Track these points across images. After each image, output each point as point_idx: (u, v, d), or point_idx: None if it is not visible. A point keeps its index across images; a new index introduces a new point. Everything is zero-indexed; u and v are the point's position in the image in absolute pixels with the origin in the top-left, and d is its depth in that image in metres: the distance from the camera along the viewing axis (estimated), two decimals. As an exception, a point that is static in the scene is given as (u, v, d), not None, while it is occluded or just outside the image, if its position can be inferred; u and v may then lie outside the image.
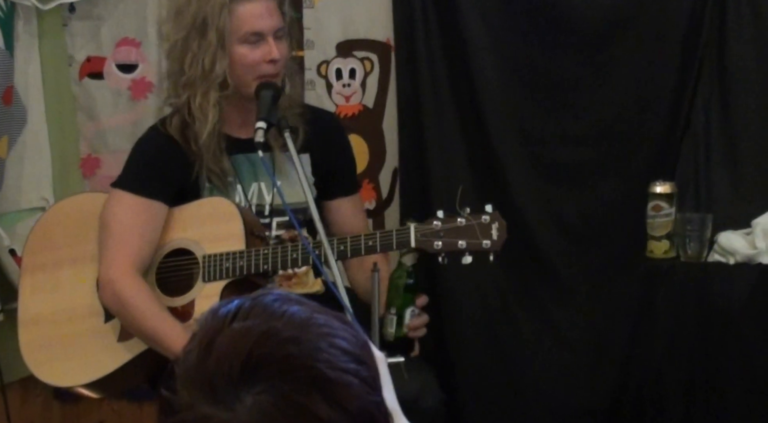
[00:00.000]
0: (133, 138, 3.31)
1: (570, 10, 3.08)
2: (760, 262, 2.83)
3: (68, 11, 3.35)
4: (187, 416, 1.05)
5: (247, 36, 2.63)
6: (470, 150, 3.20)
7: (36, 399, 3.49)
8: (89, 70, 3.41)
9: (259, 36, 2.64)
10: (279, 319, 1.07)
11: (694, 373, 2.90)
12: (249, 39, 2.64)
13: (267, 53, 2.64)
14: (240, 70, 2.65)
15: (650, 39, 3.05)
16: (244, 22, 2.63)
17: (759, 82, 2.98)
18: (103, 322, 2.69)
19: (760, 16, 2.96)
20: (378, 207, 3.32)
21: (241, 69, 2.65)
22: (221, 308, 1.10)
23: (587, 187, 3.16)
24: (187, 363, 1.07)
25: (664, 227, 2.93)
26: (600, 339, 3.15)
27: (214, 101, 2.64)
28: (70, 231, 2.76)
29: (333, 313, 1.12)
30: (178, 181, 2.70)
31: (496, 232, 2.47)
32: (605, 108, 3.12)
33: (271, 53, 2.64)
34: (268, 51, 2.64)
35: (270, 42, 2.64)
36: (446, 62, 3.17)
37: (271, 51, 2.64)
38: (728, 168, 3.02)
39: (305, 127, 2.74)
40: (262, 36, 2.64)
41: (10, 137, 3.27)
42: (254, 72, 2.64)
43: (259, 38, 2.64)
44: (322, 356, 1.05)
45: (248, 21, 2.63)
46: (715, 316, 2.86)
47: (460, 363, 3.23)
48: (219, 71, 2.63)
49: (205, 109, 2.65)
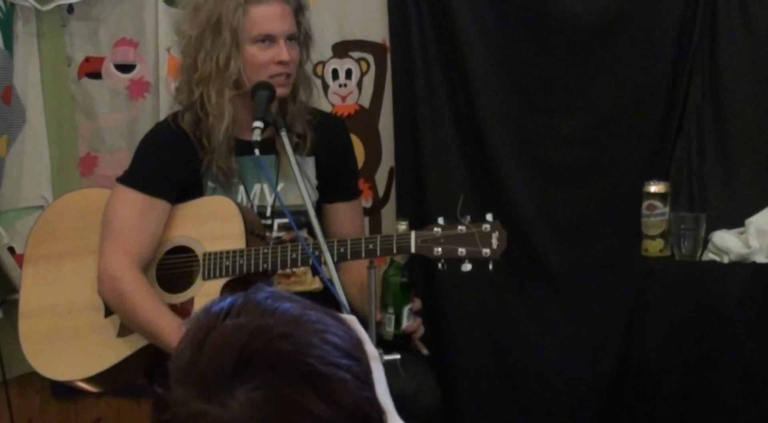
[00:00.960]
0: (130, 137, 3.34)
1: (563, 12, 3.10)
2: (754, 261, 2.84)
3: (67, 12, 3.37)
4: (180, 412, 1.05)
5: (259, 37, 2.67)
6: (465, 149, 3.22)
7: (34, 396, 3.50)
8: (88, 70, 3.43)
9: (271, 38, 2.68)
10: (271, 316, 1.08)
11: (688, 370, 2.90)
12: (261, 40, 2.67)
13: (276, 55, 2.68)
14: (251, 70, 2.68)
15: (643, 41, 3.07)
16: (256, 23, 2.66)
17: (750, 83, 3.00)
18: (103, 317, 2.71)
19: (750, 17, 2.98)
20: (374, 206, 3.34)
21: (252, 69, 2.68)
22: (214, 306, 1.11)
23: (582, 187, 3.17)
24: (180, 360, 1.08)
25: (658, 226, 2.94)
26: (596, 337, 3.16)
27: (228, 98, 2.68)
28: (74, 224, 2.78)
29: (326, 310, 1.13)
30: (184, 179, 2.72)
31: (496, 241, 2.49)
32: (599, 109, 3.14)
33: (280, 55, 2.67)
34: (277, 52, 2.68)
35: (281, 44, 2.68)
36: (441, 62, 3.19)
37: (281, 53, 2.67)
38: (721, 167, 3.03)
39: (313, 134, 2.78)
40: (273, 38, 2.68)
41: (10, 136, 3.29)
42: (265, 73, 2.67)
43: (270, 40, 2.68)
44: (314, 352, 1.05)
45: (261, 23, 2.67)
46: (709, 314, 2.87)
47: (457, 361, 3.25)
48: (233, 69, 2.66)
49: (221, 105, 2.68)
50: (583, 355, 3.17)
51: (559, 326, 3.19)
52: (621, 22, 3.10)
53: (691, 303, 2.89)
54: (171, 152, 2.74)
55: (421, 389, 2.70)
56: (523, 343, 3.22)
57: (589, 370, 3.16)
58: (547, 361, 3.19)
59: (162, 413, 1.07)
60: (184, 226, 2.70)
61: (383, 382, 1.38)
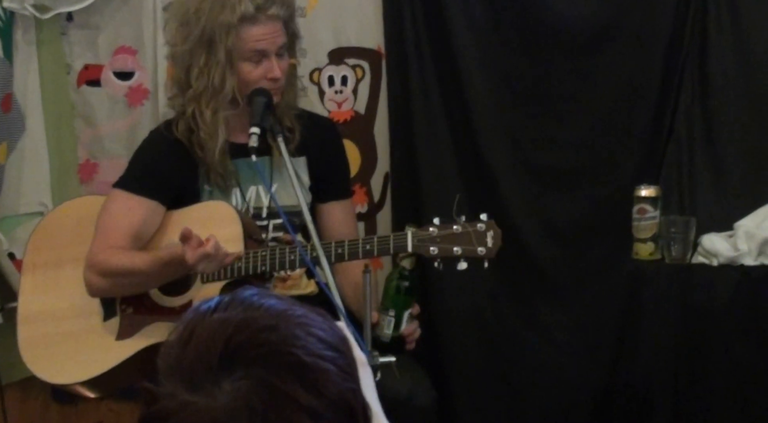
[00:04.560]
0: (129, 143, 3.36)
1: (557, 19, 3.13)
2: (743, 264, 2.87)
3: (66, 20, 3.38)
4: (168, 404, 1.07)
5: (251, 54, 2.68)
6: (460, 154, 3.24)
7: (35, 400, 3.49)
8: (87, 78, 3.45)
9: (262, 54, 2.69)
10: (257, 310, 1.11)
11: (679, 371, 2.93)
12: (252, 57, 2.69)
13: (269, 71, 2.69)
14: (242, 85, 2.70)
15: (634, 47, 3.11)
16: (248, 42, 2.67)
17: (739, 88, 3.04)
18: (102, 321, 2.74)
19: (740, 23, 3.02)
20: (370, 211, 3.37)
21: (243, 84, 2.69)
22: (202, 305, 1.14)
23: (574, 191, 3.20)
24: (169, 355, 1.10)
25: (649, 230, 2.97)
26: (588, 338, 3.18)
27: (222, 116, 2.70)
28: (73, 231, 2.81)
29: (312, 308, 1.15)
30: (179, 182, 2.75)
31: (491, 240, 2.51)
32: (591, 114, 3.17)
33: (273, 72, 2.69)
34: (270, 68, 2.69)
35: (272, 60, 2.69)
36: (436, 69, 3.22)
37: (273, 70, 2.69)
38: (711, 172, 3.06)
39: (302, 130, 2.80)
40: (264, 54, 2.69)
41: (9, 143, 3.31)
42: (255, 86, 2.69)
43: (261, 56, 2.69)
44: (298, 343, 1.08)
45: (253, 41, 2.67)
46: (698, 316, 2.90)
47: (451, 362, 3.26)
48: (228, 89, 2.68)
49: (215, 124, 2.70)
50: (576, 357, 3.18)
51: (551, 328, 3.22)
52: (613, 28, 3.14)
53: (681, 305, 2.92)
54: (166, 158, 2.77)
55: (416, 390, 2.73)
56: (517, 344, 3.24)
57: (581, 371, 3.17)
58: (540, 362, 3.21)
59: (150, 406, 1.09)
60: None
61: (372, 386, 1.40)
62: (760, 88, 3.04)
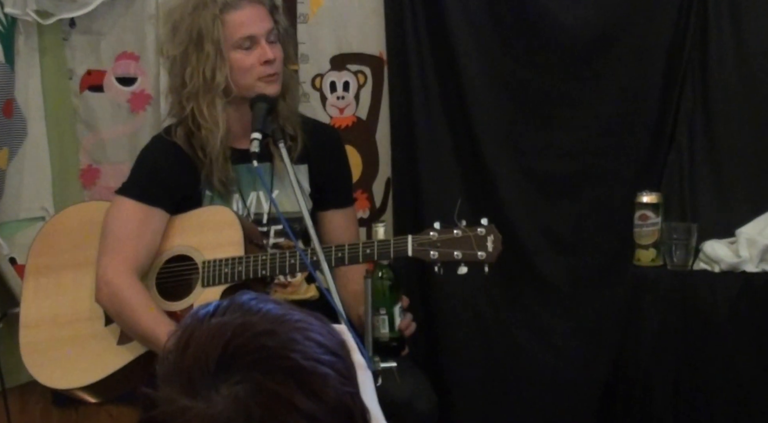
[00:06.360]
0: (131, 149, 3.36)
1: (558, 26, 3.14)
2: (744, 270, 2.87)
3: (68, 26, 3.39)
4: (167, 409, 1.07)
5: (241, 41, 2.72)
6: (461, 161, 3.25)
7: (35, 406, 3.49)
8: (89, 83, 3.45)
9: (252, 40, 2.72)
10: (255, 314, 1.11)
11: (679, 378, 2.93)
12: (243, 44, 2.72)
13: (261, 55, 2.72)
14: (239, 75, 2.72)
15: (635, 54, 3.11)
16: (235, 29, 2.71)
17: (740, 95, 3.04)
18: (103, 326, 2.74)
19: (741, 30, 3.02)
20: (371, 216, 3.37)
21: (240, 73, 2.72)
22: (200, 309, 1.14)
23: (576, 197, 3.21)
24: (167, 360, 1.10)
25: (650, 236, 2.97)
26: (589, 345, 3.18)
27: (221, 108, 2.72)
28: (75, 237, 2.81)
29: (310, 313, 1.15)
30: (182, 189, 2.76)
31: (491, 244, 2.52)
32: (593, 121, 3.17)
33: (265, 55, 2.72)
34: (262, 53, 2.72)
35: (263, 44, 2.72)
36: (437, 75, 3.23)
37: (265, 53, 2.72)
38: (712, 178, 3.07)
39: (304, 137, 2.80)
40: (254, 40, 2.72)
41: (11, 149, 3.32)
42: (253, 75, 2.72)
43: (252, 42, 2.72)
44: (297, 347, 1.07)
45: (239, 27, 2.71)
46: (700, 322, 2.90)
47: (452, 367, 3.27)
48: (220, 79, 2.70)
49: (214, 116, 2.72)
50: (577, 363, 3.19)
51: (552, 334, 3.22)
52: (614, 35, 3.14)
53: (682, 311, 2.92)
54: (168, 163, 2.78)
55: (417, 394, 2.72)
56: (518, 350, 3.24)
57: (582, 377, 3.18)
58: (541, 368, 3.22)
59: (149, 411, 1.09)
60: (183, 236, 2.73)
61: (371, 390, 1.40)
62: (761, 94, 3.04)
